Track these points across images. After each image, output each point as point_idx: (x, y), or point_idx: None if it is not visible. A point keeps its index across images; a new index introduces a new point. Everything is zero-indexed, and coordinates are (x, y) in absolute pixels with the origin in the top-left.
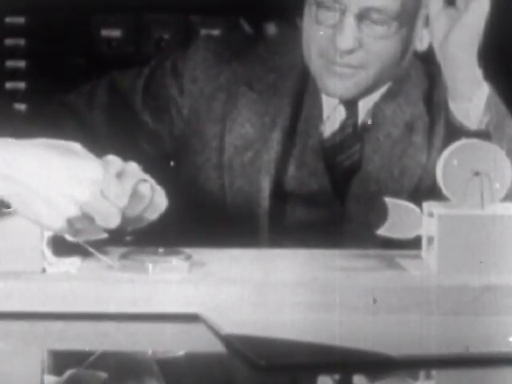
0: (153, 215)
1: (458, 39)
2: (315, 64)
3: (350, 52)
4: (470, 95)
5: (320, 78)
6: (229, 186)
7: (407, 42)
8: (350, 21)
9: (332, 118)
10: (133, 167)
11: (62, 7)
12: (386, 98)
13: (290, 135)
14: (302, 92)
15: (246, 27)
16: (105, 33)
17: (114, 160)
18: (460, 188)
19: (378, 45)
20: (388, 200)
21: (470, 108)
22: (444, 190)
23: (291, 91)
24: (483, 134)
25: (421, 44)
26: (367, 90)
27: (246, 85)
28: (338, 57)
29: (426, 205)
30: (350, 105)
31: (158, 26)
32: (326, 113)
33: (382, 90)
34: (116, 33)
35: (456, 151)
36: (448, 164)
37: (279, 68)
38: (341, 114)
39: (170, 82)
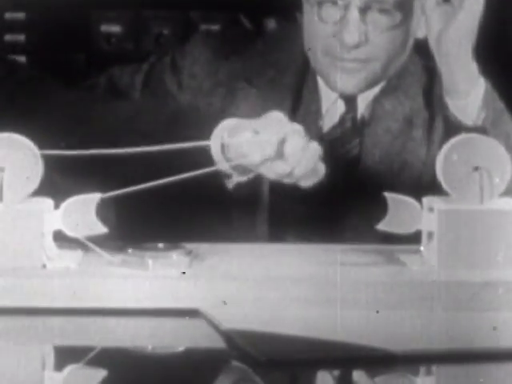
0: (308, 181)
1: (453, 36)
2: (321, 63)
3: (357, 46)
4: (467, 91)
5: (328, 76)
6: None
7: (408, 31)
8: (354, 15)
9: (331, 112)
10: (299, 127)
11: (61, 3)
12: (385, 92)
13: None
14: (301, 87)
15: (246, 23)
16: (104, 28)
17: (280, 117)
18: (460, 183)
19: (384, 37)
20: (388, 195)
21: (467, 104)
22: (444, 185)
23: (290, 86)
24: (480, 130)
25: (421, 31)
26: (375, 83)
27: (244, 80)
28: (346, 52)
29: (425, 200)
30: (350, 99)
31: (157, 22)
32: (324, 107)
33: (382, 84)
34: (115, 28)
35: (455, 146)
36: (447, 159)
37: (278, 63)
38: (340, 108)
39: (168, 77)
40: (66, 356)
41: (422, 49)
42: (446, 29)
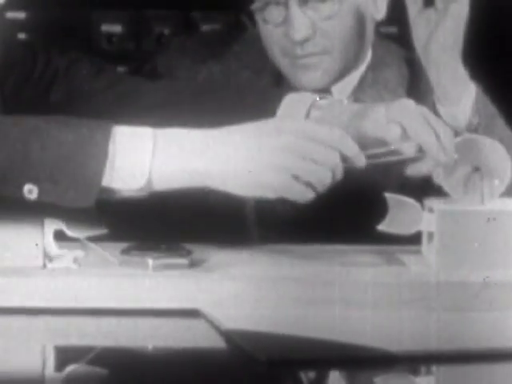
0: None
1: (440, 43)
2: (282, 64)
3: (307, 40)
4: (458, 98)
5: (291, 75)
6: None
7: (360, 15)
8: (295, 10)
9: None
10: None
11: (62, 2)
12: (362, 85)
13: None
14: (278, 87)
15: (248, 22)
16: (105, 28)
17: (413, 104)
18: (460, 183)
19: (331, 25)
20: (388, 195)
21: (458, 111)
22: (444, 186)
23: (266, 86)
24: None
25: (377, 13)
26: (340, 75)
27: (222, 83)
28: (299, 49)
29: (426, 200)
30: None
31: (158, 22)
32: None
33: (356, 76)
34: (116, 28)
35: (456, 147)
36: None
37: (254, 64)
38: None
39: None
40: (66, 356)
41: (402, 40)
42: (432, 35)
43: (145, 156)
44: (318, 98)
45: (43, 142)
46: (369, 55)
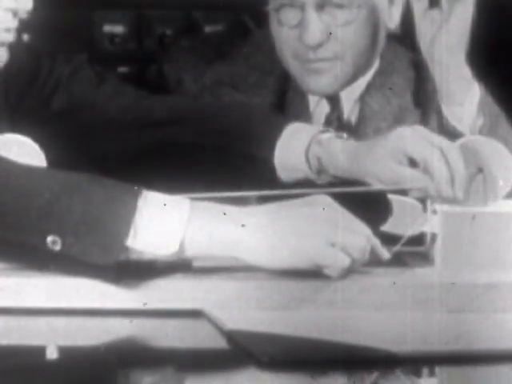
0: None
1: (445, 43)
2: (292, 67)
3: (320, 45)
4: (462, 99)
5: (300, 79)
6: None
7: (374, 23)
8: (311, 14)
9: (317, 113)
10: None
11: (63, 3)
12: (370, 90)
13: None
14: (286, 89)
15: (250, 23)
16: (107, 29)
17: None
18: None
19: (346, 31)
20: (391, 196)
21: (463, 112)
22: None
23: (274, 89)
24: None
25: (391, 22)
26: (350, 80)
27: (229, 84)
28: (311, 53)
29: (429, 201)
30: (332, 98)
31: (160, 22)
32: (311, 108)
33: (364, 81)
34: (118, 29)
35: (459, 148)
36: None
37: (261, 66)
38: (324, 108)
39: (155, 85)
40: (68, 356)
41: (408, 42)
42: (437, 36)
43: (180, 225)
44: (319, 132)
45: (72, 195)
46: (377, 60)
